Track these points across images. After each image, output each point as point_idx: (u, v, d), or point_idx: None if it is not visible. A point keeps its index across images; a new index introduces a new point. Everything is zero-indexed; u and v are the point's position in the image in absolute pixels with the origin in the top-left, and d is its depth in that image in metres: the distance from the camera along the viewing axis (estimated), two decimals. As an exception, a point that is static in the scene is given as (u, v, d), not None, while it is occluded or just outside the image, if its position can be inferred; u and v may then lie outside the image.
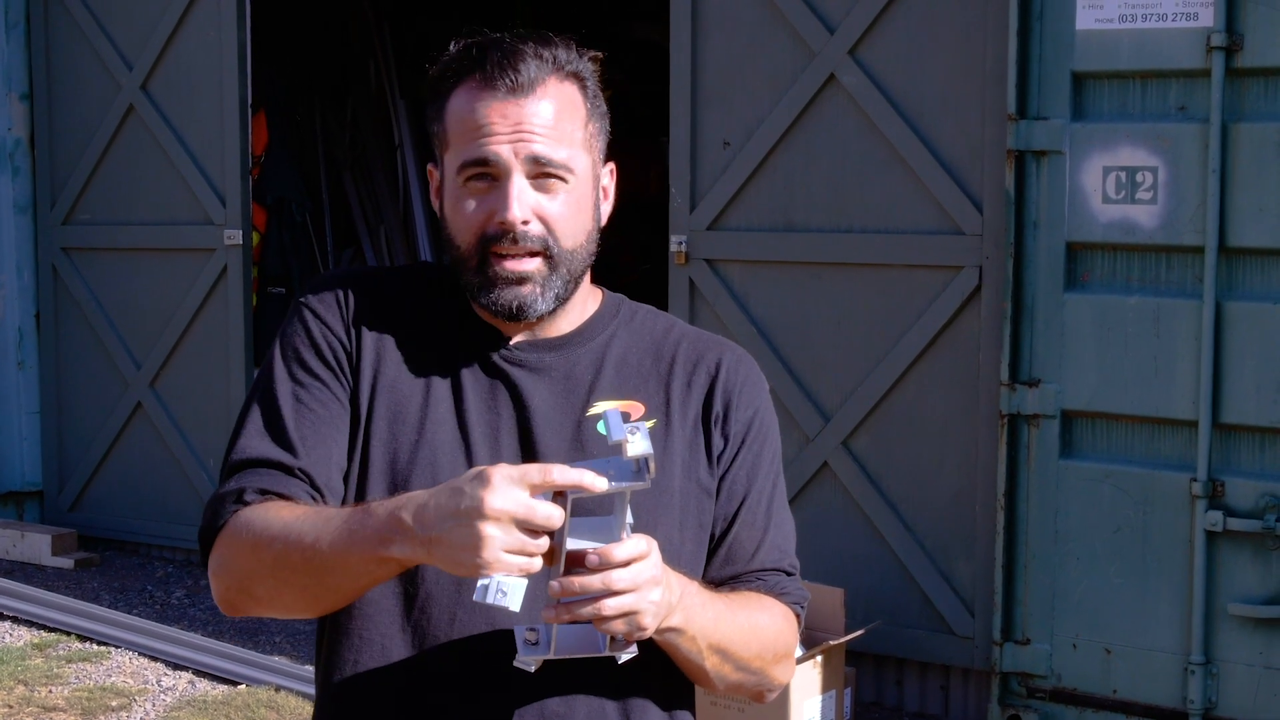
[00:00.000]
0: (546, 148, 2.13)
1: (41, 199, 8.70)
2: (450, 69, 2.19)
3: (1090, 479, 5.50)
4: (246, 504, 2.13)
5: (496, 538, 1.85)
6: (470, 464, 2.14)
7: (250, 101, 8.15)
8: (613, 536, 1.96)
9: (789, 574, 2.33)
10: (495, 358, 2.22)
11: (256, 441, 2.18)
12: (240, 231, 7.98)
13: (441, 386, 2.20)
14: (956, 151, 6.02)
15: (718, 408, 2.27)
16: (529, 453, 2.18)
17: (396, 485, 2.14)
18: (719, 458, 2.26)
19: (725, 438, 2.27)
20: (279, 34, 10.65)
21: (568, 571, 1.93)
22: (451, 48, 2.21)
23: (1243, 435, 5.26)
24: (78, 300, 8.61)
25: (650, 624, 1.97)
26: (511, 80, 2.13)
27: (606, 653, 2.03)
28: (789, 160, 6.37)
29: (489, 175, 2.14)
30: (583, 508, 1.95)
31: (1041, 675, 5.63)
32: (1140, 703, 5.46)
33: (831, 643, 5.56)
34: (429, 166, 2.28)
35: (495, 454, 2.16)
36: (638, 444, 1.90)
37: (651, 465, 1.92)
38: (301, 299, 2.26)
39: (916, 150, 6.07)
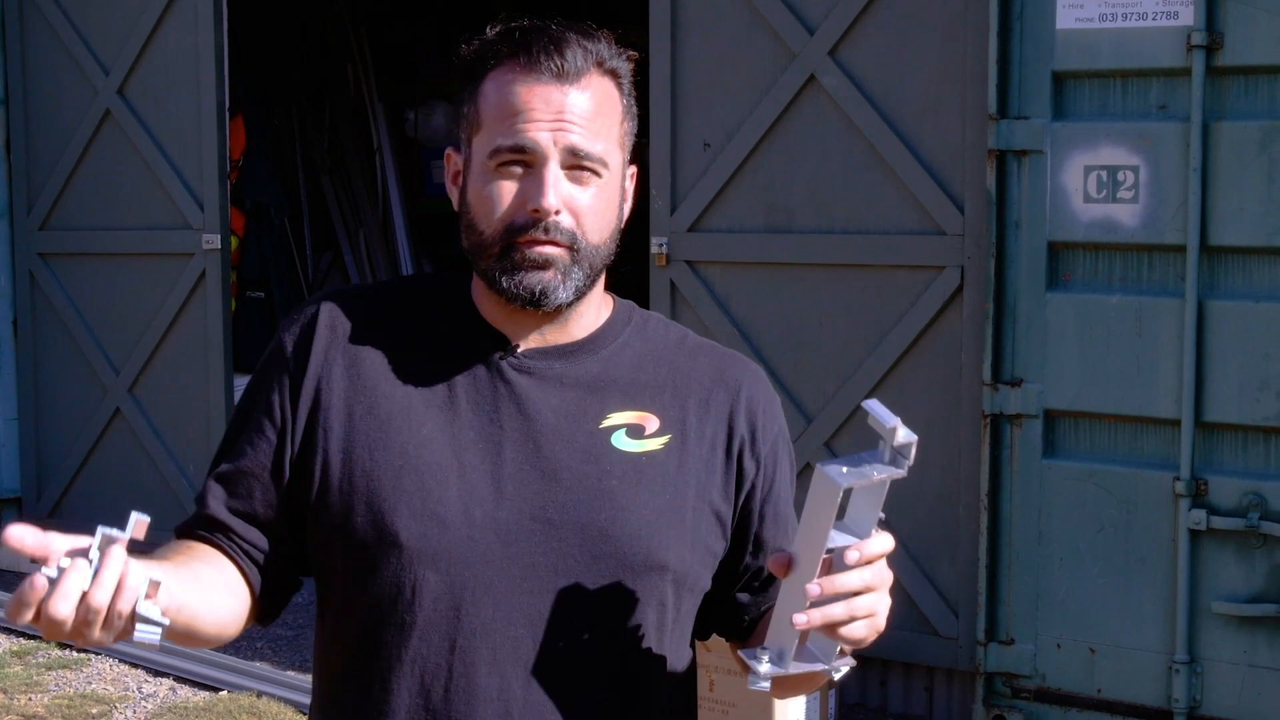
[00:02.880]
0: (584, 140, 2.06)
1: (18, 204, 8.66)
2: (490, 50, 2.11)
3: (1073, 478, 5.50)
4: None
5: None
6: (464, 482, 2.07)
7: (228, 105, 8.12)
8: (862, 534, 1.90)
9: None
10: (501, 366, 2.14)
11: (204, 489, 2.19)
12: (219, 236, 7.95)
13: (430, 404, 2.12)
14: (937, 152, 6.01)
15: (742, 432, 2.20)
16: (536, 466, 2.10)
17: (384, 513, 2.07)
18: (753, 485, 2.20)
19: (757, 461, 2.20)
20: (256, 38, 10.64)
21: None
22: (488, 32, 2.14)
23: (1225, 434, 5.26)
24: (55, 306, 8.57)
25: (883, 626, 1.93)
26: (557, 66, 2.06)
27: (830, 666, 1.97)
28: (770, 162, 6.37)
29: (523, 162, 2.06)
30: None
31: (1026, 675, 5.63)
32: (1125, 702, 5.46)
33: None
34: (447, 151, 2.20)
35: (497, 468, 2.08)
36: (905, 432, 1.85)
37: (912, 454, 1.87)
38: (279, 330, 2.20)
39: (897, 151, 6.07)
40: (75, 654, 7.00)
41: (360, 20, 11.63)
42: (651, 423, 2.15)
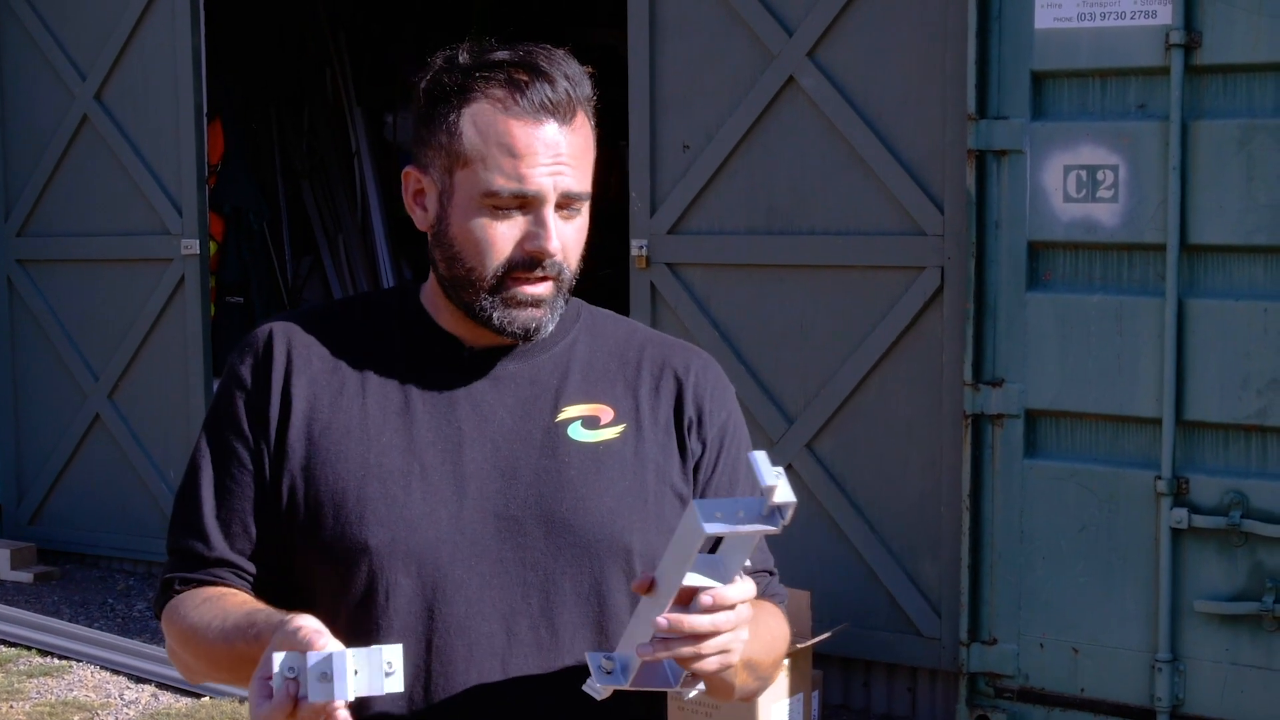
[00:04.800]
0: (577, 181, 2.10)
1: (-4, 210, 8.63)
2: (471, 77, 2.10)
3: (1055, 478, 5.50)
4: (177, 592, 2.18)
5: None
6: (427, 486, 2.11)
7: (206, 110, 8.10)
8: (725, 576, 1.89)
9: (772, 574, 2.32)
10: (455, 372, 2.18)
11: (180, 530, 2.20)
12: (197, 241, 7.93)
13: (388, 412, 2.15)
14: (917, 152, 6.02)
15: (690, 413, 2.23)
16: (495, 465, 2.13)
17: (350, 522, 2.10)
18: (698, 465, 2.23)
19: (703, 443, 2.23)
20: (234, 42, 10.61)
21: (673, 608, 1.87)
22: (461, 56, 2.12)
23: (1206, 432, 5.27)
24: (34, 312, 8.54)
25: (736, 662, 1.94)
26: (551, 105, 2.07)
27: (678, 688, 1.97)
28: (749, 163, 6.36)
29: (520, 204, 2.08)
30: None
31: (1009, 675, 5.63)
32: (1108, 701, 5.46)
33: (798, 645, 5.55)
34: (406, 169, 2.19)
35: (458, 469, 2.12)
36: (784, 491, 1.81)
37: (789, 514, 1.84)
38: (230, 361, 2.22)
39: (877, 151, 6.07)
40: (57, 661, 6.98)
41: (338, 24, 11.60)
42: (606, 413, 2.20)
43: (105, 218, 8.27)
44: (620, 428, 2.19)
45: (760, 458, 1.84)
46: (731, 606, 1.88)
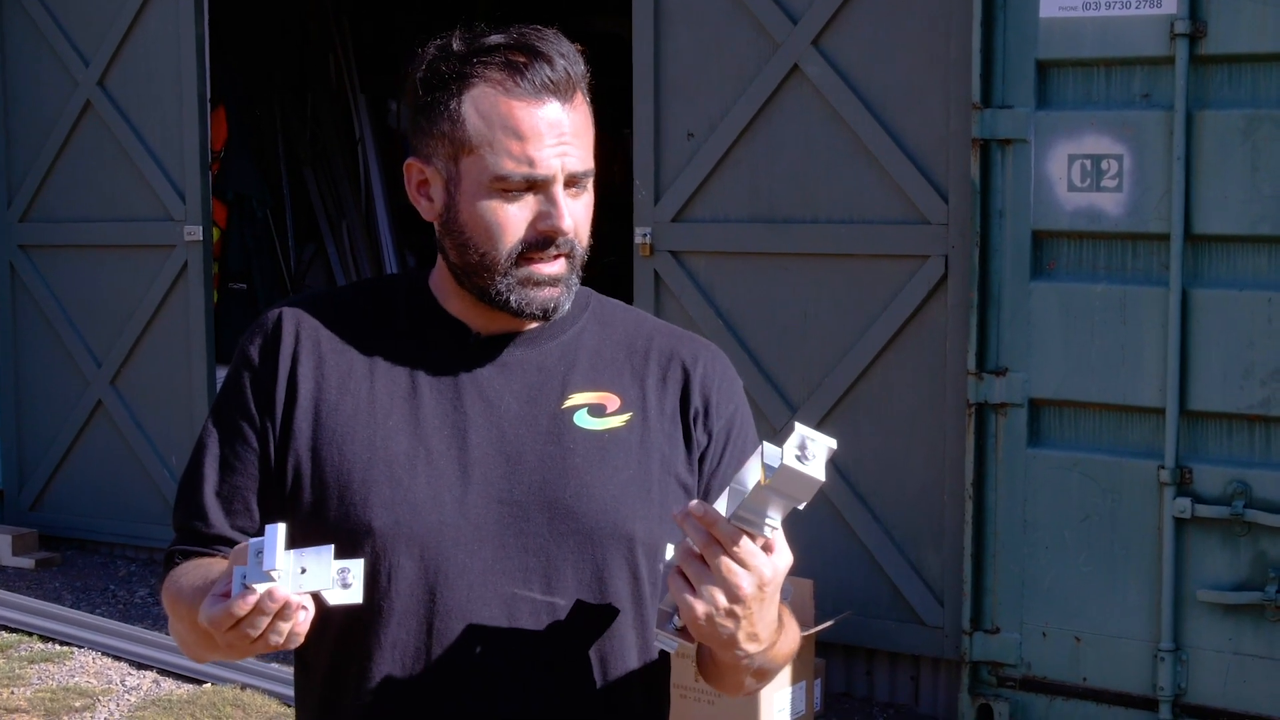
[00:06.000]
0: (581, 160, 2.11)
1: (-1, 196, 8.63)
2: (469, 63, 2.11)
3: (1058, 467, 5.50)
4: (176, 565, 2.20)
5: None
6: (432, 470, 2.12)
7: (209, 97, 8.09)
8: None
9: None
10: (462, 358, 2.19)
11: (183, 508, 2.23)
12: (200, 228, 7.93)
13: (395, 396, 2.16)
14: (921, 141, 6.01)
15: (696, 403, 2.23)
16: (500, 450, 2.14)
17: (355, 504, 2.11)
18: (703, 456, 2.23)
19: (709, 434, 2.23)
20: (238, 29, 10.60)
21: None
22: (455, 43, 2.13)
23: (1210, 422, 5.27)
24: (36, 298, 8.53)
25: (744, 643, 1.94)
26: (550, 84, 2.08)
27: (661, 606, 1.98)
28: (753, 151, 6.36)
29: (529, 186, 2.09)
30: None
31: (1011, 664, 5.63)
32: (1110, 690, 5.47)
33: (801, 634, 5.55)
34: (410, 162, 2.19)
35: (463, 455, 2.13)
36: (816, 468, 1.79)
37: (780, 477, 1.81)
38: (240, 343, 2.24)
39: (881, 140, 6.06)
40: (58, 647, 6.98)
41: (341, 11, 11.60)
42: (612, 402, 2.20)
43: (108, 204, 8.26)
44: (626, 416, 2.20)
45: (811, 438, 1.82)
46: (745, 564, 1.87)
